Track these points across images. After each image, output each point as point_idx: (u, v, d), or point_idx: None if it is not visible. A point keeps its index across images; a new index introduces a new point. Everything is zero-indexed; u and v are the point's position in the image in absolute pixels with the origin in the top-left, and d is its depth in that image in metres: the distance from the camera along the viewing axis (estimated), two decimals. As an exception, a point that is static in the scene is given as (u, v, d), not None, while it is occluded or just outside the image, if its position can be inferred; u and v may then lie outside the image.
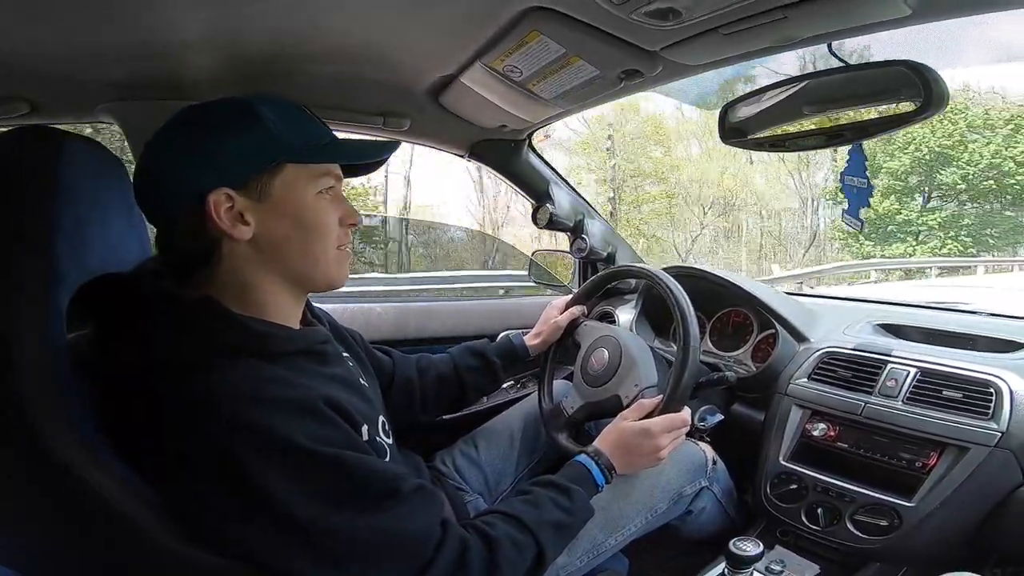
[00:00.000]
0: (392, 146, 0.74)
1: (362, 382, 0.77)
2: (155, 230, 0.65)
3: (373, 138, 1.25)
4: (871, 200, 0.98)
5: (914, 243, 14.63)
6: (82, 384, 0.55)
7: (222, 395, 0.55)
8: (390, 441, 0.73)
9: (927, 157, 14.53)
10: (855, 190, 0.98)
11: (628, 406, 0.94)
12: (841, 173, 0.98)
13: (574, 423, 1.06)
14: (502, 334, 1.17)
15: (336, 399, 0.62)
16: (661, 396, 0.91)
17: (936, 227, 14.60)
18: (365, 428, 0.66)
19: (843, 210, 1.01)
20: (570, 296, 1.20)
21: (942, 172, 14.66)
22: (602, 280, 1.18)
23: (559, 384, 1.16)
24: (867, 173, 0.97)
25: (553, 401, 1.10)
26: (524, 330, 1.17)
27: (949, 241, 14.38)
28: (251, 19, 0.76)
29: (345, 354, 0.81)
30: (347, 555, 0.57)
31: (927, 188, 15.07)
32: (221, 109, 0.63)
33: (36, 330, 0.52)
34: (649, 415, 0.88)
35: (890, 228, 14.88)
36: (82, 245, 0.59)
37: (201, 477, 0.54)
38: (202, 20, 0.74)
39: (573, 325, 1.16)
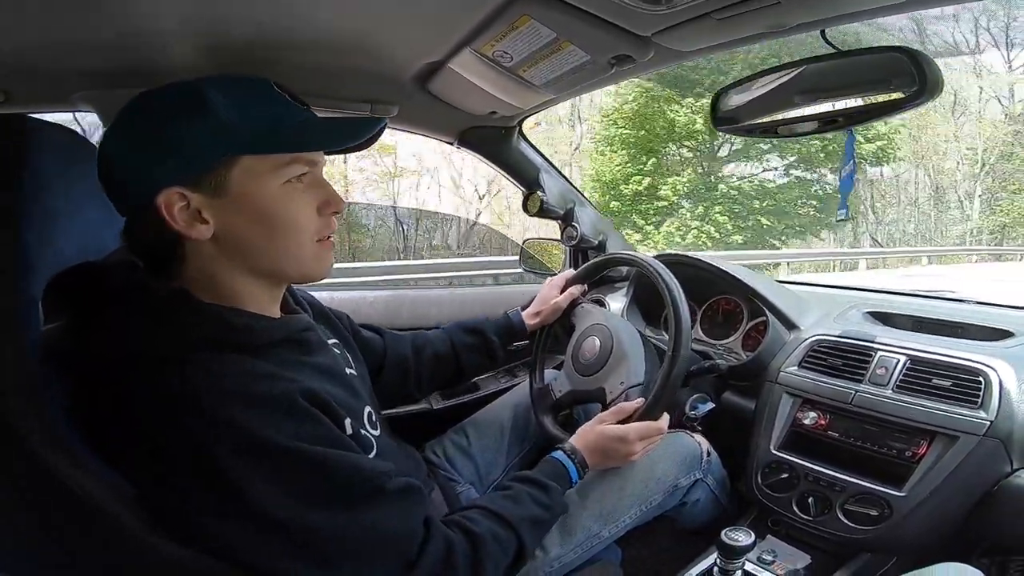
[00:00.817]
0: (373, 123, 0.65)
1: (348, 371, 0.76)
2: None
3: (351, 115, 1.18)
4: (853, 180, 0.97)
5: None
6: (56, 376, 0.54)
7: (199, 390, 0.53)
8: (377, 432, 0.72)
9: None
10: (846, 178, 0.97)
11: (611, 403, 0.96)
12: (840, 169, 0.97)
13: (560, 406, 1.08)
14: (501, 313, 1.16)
15: (317, 393, 0.60)
16: (642, 400, 0.92)
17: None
18: (348, 422, 0.64)
19: (838, 209, 1.00)
20: (569, 274, 1.18)
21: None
22: (597, 266, 1.17)
23: (551, 368, 1.17)
24: (854, 155, 0.96)
25: (543, 382, 1.11)
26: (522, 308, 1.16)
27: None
28: (231, 6, 0.73)
29: (332, 340, 0.79)
30: (331, 554, 0.56)
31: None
32: (168, 96, 0.58)
33: (6, 322, 0.51)
34: (628, 418, 0.90)
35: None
36: (55, 234, 0.57)
37: (178, 473, 0.52)
38: (181, 7, 0.71)
39: (572, 305, 1.15)
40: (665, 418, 0.92)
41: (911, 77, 0.75)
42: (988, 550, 0.88)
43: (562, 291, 1.16)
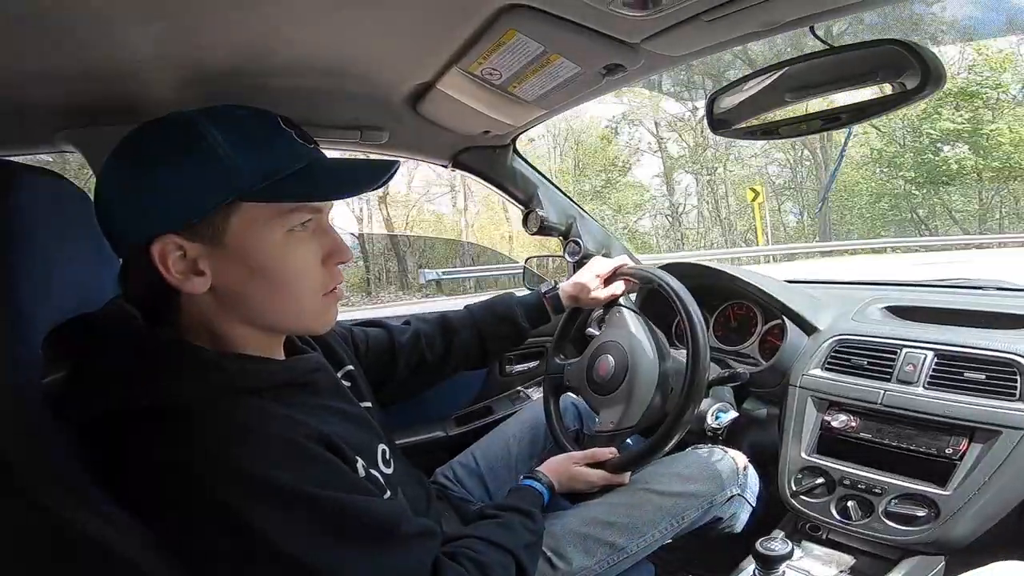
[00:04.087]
0: (386, 167, 0.60)
1: (363, 404, 0.74)
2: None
3: (361, 156, 1.17)
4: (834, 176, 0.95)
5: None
6: (61, 428, 0.52)
7: (206, 439, 0.51)
8: (389, 470, 0.69)
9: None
10: (833, 174, 0.95)
11: (596, 433, 0.99)
12: (835, 168, 0.95)
13: (561, 390, 1.12)
14: (537, 289, 1.12)
15: (327, 435, 0.57)
16: (615, 455, 0.93)
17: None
18: (360, 464, 0.62)
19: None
20: (620, 259, 1.10)
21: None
22: (639, 279, 1.12)
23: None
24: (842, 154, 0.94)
25: (561, 360, 1.13)
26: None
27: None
28: (208, 33, 0.72)
29: (344, 370, 0.77)
30: None
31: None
32: (164, 134, 0.54)
33: (7, 377, 0.49)
34: (597, 464, 0.93)
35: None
36: (50, 284, 0.55)
37: (194, 521, 0.51)
38: (155, 37, 0.69)
39: (610, 304, 1.10)
40: (628, 476, 0.94)
41: (909, 70, 0.73)
42: None
43: (606, 283, 1.08)
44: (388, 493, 0.65)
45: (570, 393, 1.15)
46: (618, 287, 1.08)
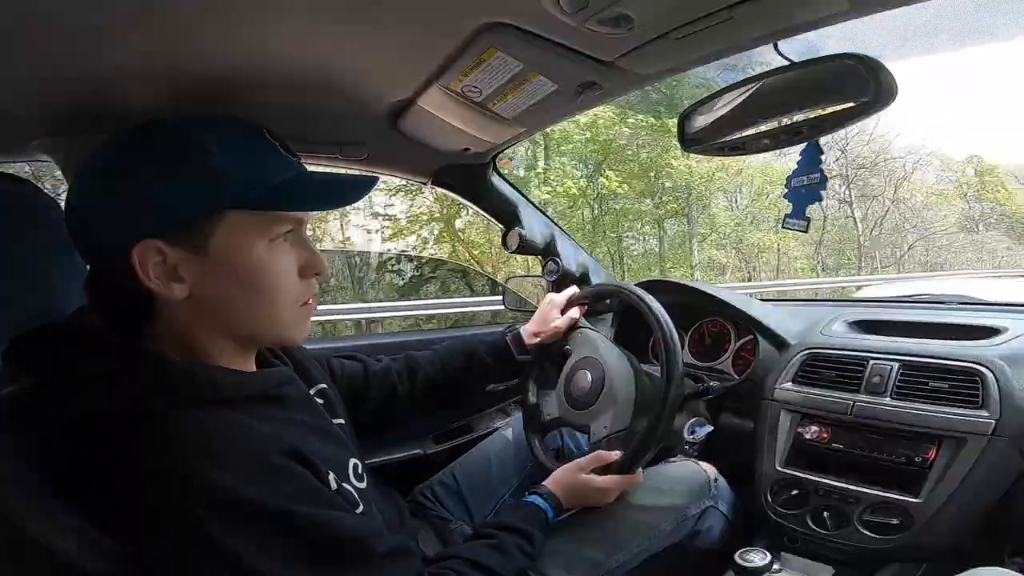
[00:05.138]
0: (368, 183, 0.63)
1: (335, 421, 0.72)
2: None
3: (342, 171, 1.19)
4: (823, 192, 0.98)
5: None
6: (22, 440, 0.50)
7: (172, 452, 0.49)
8: (362, 485, 0.67)
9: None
10: (803, 190, 0.98)
11: (593, 445, 0.96)
12: (788, 178, 0.98)
13: (546, 427, 1.08)
14: (499, 331, 1.13)
15: (299, 449, 0.56)
16: (620, 453, 0.91)
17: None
18: (332, 476, 0.60)
19: (785, 215, 0.99)
20: (571, 292, 1.15)
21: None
22: (599, 295, 1.16)
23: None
24: (821, 165, 0.97)
25: (534, 400, 1.10)
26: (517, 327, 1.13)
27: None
28: (190, 46, 0.72)
29: (316, 388, 0.75)
30: None
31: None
32: (152, 139, 0.55)
33: None
34: (608, 467, 0.90)
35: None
36: (15, 292, 0.54)
37: (161, 536, 0.49)
38: (137, 49, 0.69)
39: (571, 329, 1.12)
40: (641, 474, 0.92)
41: (865, 84, 0.78)
42: (1016, 551, 0.85)
43: (563, 312, 1.12)
44: (361, 507, 0.63)
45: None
46: (575, 312, 1.13)
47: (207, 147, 0.53)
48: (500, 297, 1.77)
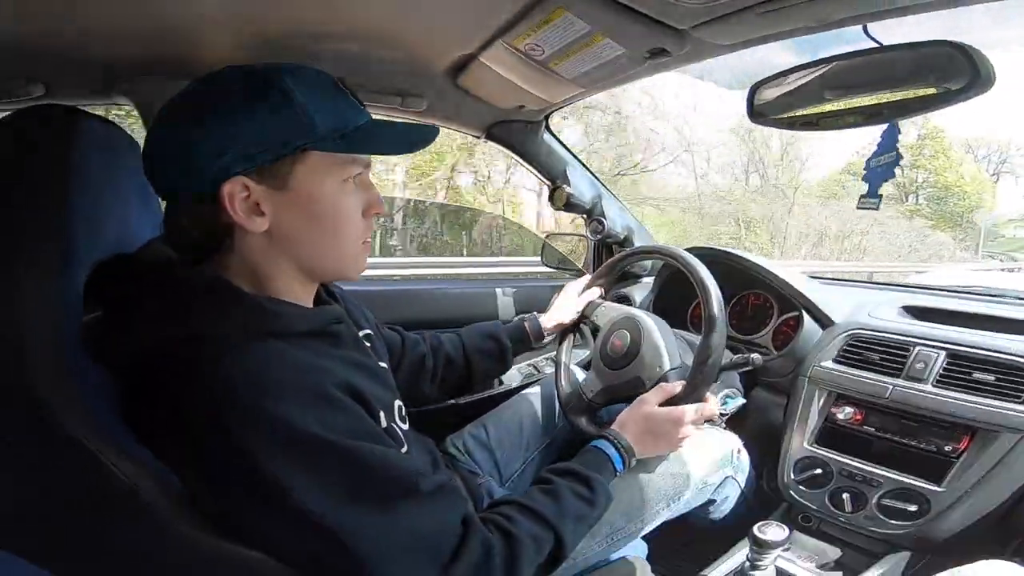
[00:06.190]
0: (432, 132, 0.67)
1: (381, 365, 0.75)
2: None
3: (409, 120, 1.20)
4: (896, 170, 0.94)
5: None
6: (96, 367, 0.54)
7: (235, 380, 0.52)
8: (405, 427, 0.71)
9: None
10: (879, 168, 0.94)
11: (650, 389, 0.92)
12: (867, 160, 0.95)
13: (594, 407, 1.04)
14: (516, 317, 1.16)
15: (354, 384, 0.59)
16: (684, 382, 0.89)
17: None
18: (382, 415, 0.64)
19: (861, 196, 0.96)
20: (587, 278, 1.18)
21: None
22: (612, 265, 1.16)
23: (578, 370, 1.15)
24: (898, 146, 0.93)
25: (572, 386, 1.07)
26: (538, 313, 1.15)
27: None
28: None
29: (364, 332, 0.78)
30: (362, 552, 0.54)
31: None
32: (243, 81, 0.56)
33: (50, 311, 0.50)
34: (672, 400, 0.87)
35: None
36: (97, 226, 0.58)
37: (216, 466, 0.52)
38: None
39: (591, 308, 1.13)
40: (713, 399, 0.89)
41: (960, 71, 0.73)
42: (1019, 547, 0.86)
43: (580, 295, 1.14)
44: (405, 447, 0.67)
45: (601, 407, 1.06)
46: (594, 292, 1.15)
47: (292, 92, 0.55)
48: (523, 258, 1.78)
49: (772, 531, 0.78)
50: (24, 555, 0.52)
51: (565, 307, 1.13)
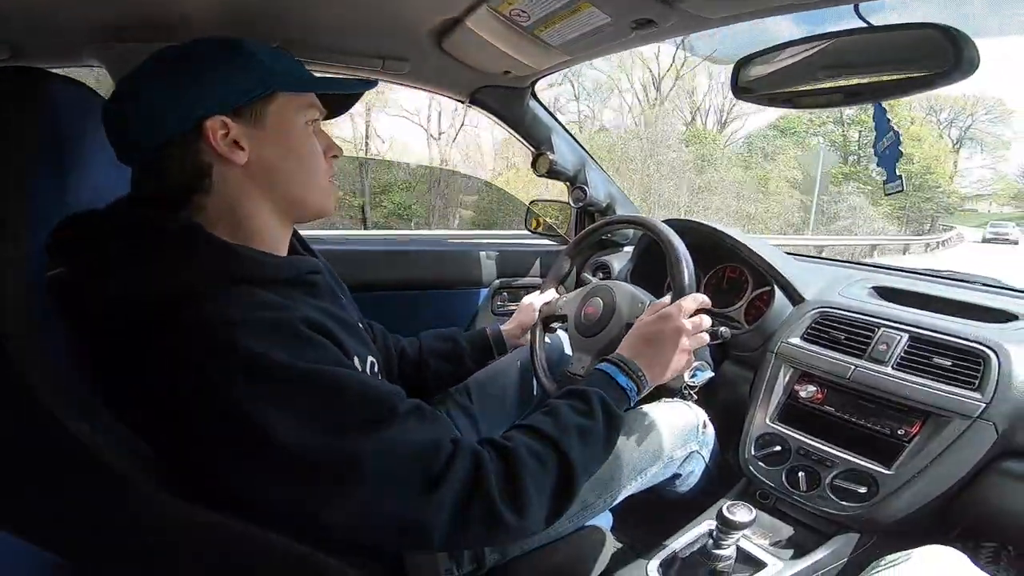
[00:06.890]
0: (371, 83, 0.76)
1: (358, 324, 0.75)
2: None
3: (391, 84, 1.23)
4: (901, 149, 0.95)
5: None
6: (61, 323, 0.54)
7: (209, 322, 0.52)
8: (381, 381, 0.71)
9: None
10: (887, 152, 0.94)
11: (569, 374, 0.95)
12: (873, 147, 0.94)
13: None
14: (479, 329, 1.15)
15: (327, 328, 0.60)
16: (671, 295, 0.89)
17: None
18: (357, 360, 0.64)
19: (884, 182, 0.96)
20: (548, 295, 1.16)
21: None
22: (598, 228, 1.15)
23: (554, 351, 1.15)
24: (891, 124, 0.93)
25: (554, 380, 1.04)
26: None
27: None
28: None
29: (342, 297, 0.79)
30: (347, 478, 0.53)
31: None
32: (207, 44, 0.63)
33: (16, 273, 0.50)
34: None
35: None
36: (64, 186, 0.58)
37: (191, 411, 0.51)
38: None
39: (550, 306, 1.11)
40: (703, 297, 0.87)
41: (945, 54, 0.73)
42: (960, 534, 0.89)
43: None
44: None
45: (559, 331, 1.13)
46: (549, 294, 1.16)
47: (256, 52, 0.63)
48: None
49: (740, 512, 0.79)
50: None
51: (525, 312, 1.13)
